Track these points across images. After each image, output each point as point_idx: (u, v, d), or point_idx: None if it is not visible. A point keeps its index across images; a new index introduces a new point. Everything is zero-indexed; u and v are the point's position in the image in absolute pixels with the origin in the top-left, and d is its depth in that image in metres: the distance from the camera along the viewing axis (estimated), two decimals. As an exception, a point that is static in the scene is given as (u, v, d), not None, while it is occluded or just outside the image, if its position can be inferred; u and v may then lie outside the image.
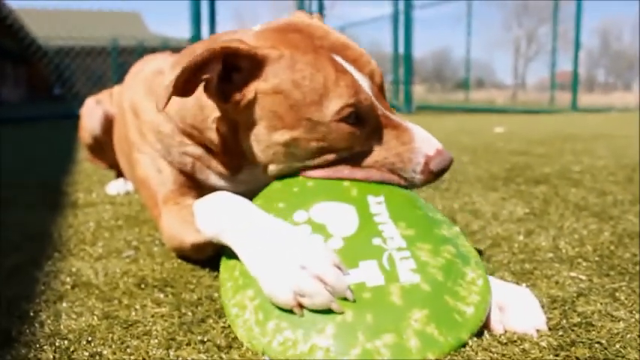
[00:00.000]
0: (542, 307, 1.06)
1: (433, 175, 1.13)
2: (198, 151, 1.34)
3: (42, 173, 2.99)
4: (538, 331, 0.95)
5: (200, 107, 1.23)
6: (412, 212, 1.09)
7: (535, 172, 2.75)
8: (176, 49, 1.84)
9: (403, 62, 10.58)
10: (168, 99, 1.06)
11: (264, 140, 1.14)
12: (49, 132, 6.19)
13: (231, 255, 1.06)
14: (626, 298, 1.11)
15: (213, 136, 1.26)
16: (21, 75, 25.14)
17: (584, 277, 1.23)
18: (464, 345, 0.88)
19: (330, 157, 1.13)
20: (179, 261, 1.39)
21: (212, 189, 1.37)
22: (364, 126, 1.11)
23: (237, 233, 1.03)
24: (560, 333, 0.95)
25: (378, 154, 1.13)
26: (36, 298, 1.16)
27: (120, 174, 2.40)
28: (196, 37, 7.75)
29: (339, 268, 0.92)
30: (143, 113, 1.41)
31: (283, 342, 0.87)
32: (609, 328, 0.97)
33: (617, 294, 1.13)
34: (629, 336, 0.94)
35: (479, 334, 0.93)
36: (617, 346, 0.90)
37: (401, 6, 10.40)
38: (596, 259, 1.36)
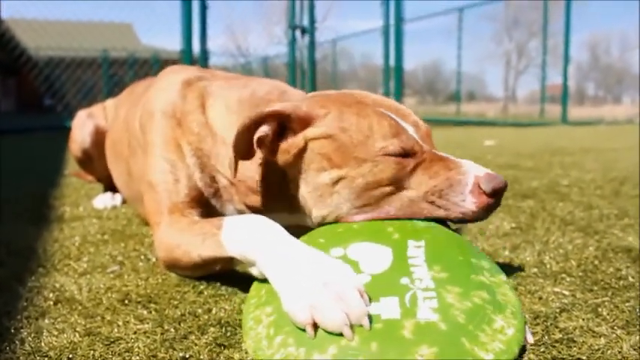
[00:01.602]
0: (526, 323, 1.06)
1: (486, 198, 1.10)
2: (224, 181, 1.37)
3: (29, 186, 2.98)
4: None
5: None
6: (452, 257, 1.05)
7: (523, 186, 2.77)
8: (167, 62, 1.85)
9: (394, 75, 10.64)
10: (236, 165, 1.19)
11: (312, 182, 1.19)
12: (38, 143, 6.16)
13: (263, 279, 1.06)
14: (608, 314, 1.11)
15: (251, 180, 1.31)
16: (11, 85, 25.07)
17: (567, 293, 1.24)
18: None
19: (376, 192, 1.14)
20: (164, 276, 1.38)
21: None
22: (409, 160, 1.15)
23: (265, 251, 1.04)
24: (542, 349, 0.96)
25: (426, 184, 1.14)
26: (17, 314, 1.15)
27: (107, 188, 2.39)
28: (187, 49, 7.77)
29: (362, 296, 0.91)
30: (190, 124, 1.41)
31: (285, 356, 0.87)
32: (590, 344, 0.98)
33: (599, 309, 1.14)
34: (609, 352, 0.94)
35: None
36: (598, 362, 0.91)
37: (392, 19, 10.47)
38: (580, 274, 1.37)
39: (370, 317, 0.89)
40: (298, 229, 1.22)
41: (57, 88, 10.48)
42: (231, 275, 1.29)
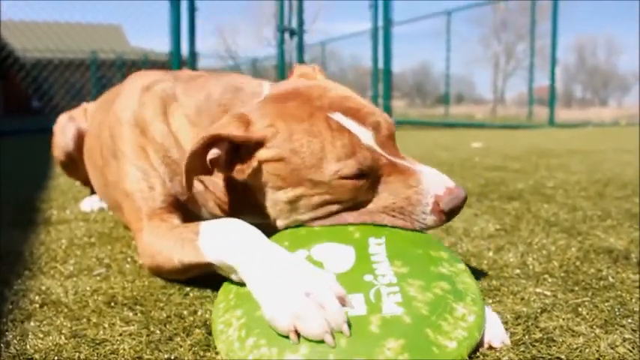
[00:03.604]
0: (506, 323, 1.08)
1: (445, 215, 1.14)
2: (200, 187, 1.37)
3: (16, 189, 2.97)
4: (503, 343, 0.99)
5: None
6: (411, 251, 1.11)
7: (509, 188, 2.80)
8: (156, 63, 1.85)
9: (383, 77, 10.67)
10: (189, 183, 1.20)
11: (270, 198, 1.21)
12: (25, 146, 6.13)
13: (232, 281, 1.09)
14: (587, 313, 1.13)
15: (220, 184, 1.32)
16: (-2, 88, 24.80)
17: (548, 293, 1.26)
18: None
19: (334, 207, 1.17)
20: (150, 279, 1.39)
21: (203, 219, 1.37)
22: (367, 178, 1.14)
23: (245, 258, 1.04)
24: (522, 349, 0.98)
25: (385, 199, 1.16)
26: (3, 317, 1.15)
27: (93, 191, 2.38)
28: (176, 51, 7.78)
29: (342, 301, 0.93)
30: (152, 132, 1.41)
31: (259, 357, 0.89)
32: (569, 343, 1.00)
33: (579, 309, 1.16)
34: (587, 350, 0.96)
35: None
36: (576, 361, 0.93)
37: (380, 22, 10.50)
38: (562, 274, 1.39)
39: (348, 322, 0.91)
40: (269, 228, 1.24)
41: (45, 90, 10.42)
42: (216, 277, 1.30)
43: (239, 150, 1.19)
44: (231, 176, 1.25)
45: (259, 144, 1.17)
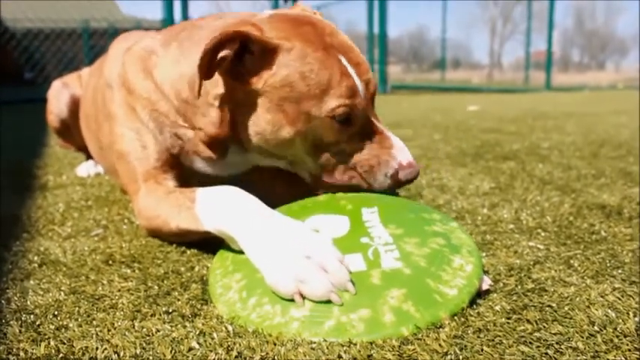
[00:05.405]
0: (499, 274, 1.10)
1: (398, 184, 1.21)
2: (189, 133, 1.35)
3: (12, 157, 2.96)
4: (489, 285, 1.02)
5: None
6: (404, 215, 1.14)
7: (504, 149, 2.80)
8: (149, 31, 1.83)
9: (378, 42, 10.57)
10: (200, 85, 1.14)
11: (268, 132, 1.20)
12: (19, 116, 6.10)
13: (227, 248, 1.11)
14: (579, 265, 1.15)
15: (211, 112, 1.26)
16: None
17: (541, 247, 1.28)
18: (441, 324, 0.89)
19: (324, 155, 1.23)
20: (147, 238, 1.40)
21: (196, 173, 1.39)
22: (352, 127, 1.19)
23: (242, 225, 1.05)
24: (514, 298, 0.99)
25: (360, 154, 1.22)
26: (3, 277, 1.16)
27: (90, 156, 2.38)
28: (169, 18, 7.67)
29: (341, 263, 0.95)
30: (138, 90, 1.39)
31: (262, 315, 0.90)
32: (560, 292, 1.01)
33: (571, 261, 1.18)
34: (577, 299, 0.98)
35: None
36: (566, 308, 0.94)
37: (376, -14, 10.35)
38: (555, 229, 1.41)
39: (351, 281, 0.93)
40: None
41: (37, 60, 10.30)
42: (213, 237, 1.31)
43: (243, 58, 1.16)
44: (226, 97, 1.23)
45: (269, 56, 1.15)
